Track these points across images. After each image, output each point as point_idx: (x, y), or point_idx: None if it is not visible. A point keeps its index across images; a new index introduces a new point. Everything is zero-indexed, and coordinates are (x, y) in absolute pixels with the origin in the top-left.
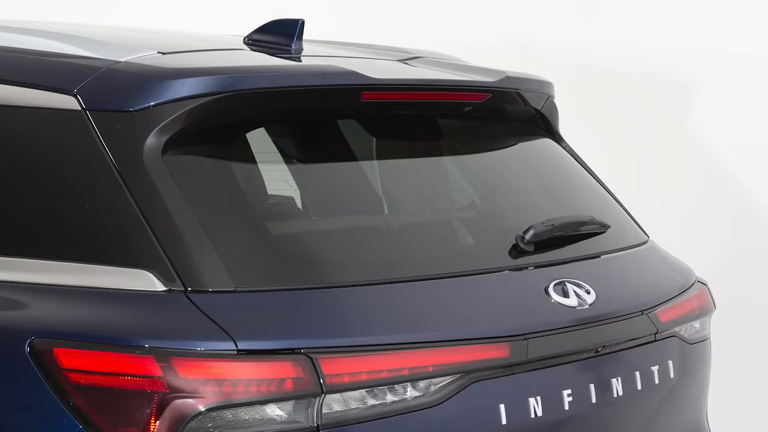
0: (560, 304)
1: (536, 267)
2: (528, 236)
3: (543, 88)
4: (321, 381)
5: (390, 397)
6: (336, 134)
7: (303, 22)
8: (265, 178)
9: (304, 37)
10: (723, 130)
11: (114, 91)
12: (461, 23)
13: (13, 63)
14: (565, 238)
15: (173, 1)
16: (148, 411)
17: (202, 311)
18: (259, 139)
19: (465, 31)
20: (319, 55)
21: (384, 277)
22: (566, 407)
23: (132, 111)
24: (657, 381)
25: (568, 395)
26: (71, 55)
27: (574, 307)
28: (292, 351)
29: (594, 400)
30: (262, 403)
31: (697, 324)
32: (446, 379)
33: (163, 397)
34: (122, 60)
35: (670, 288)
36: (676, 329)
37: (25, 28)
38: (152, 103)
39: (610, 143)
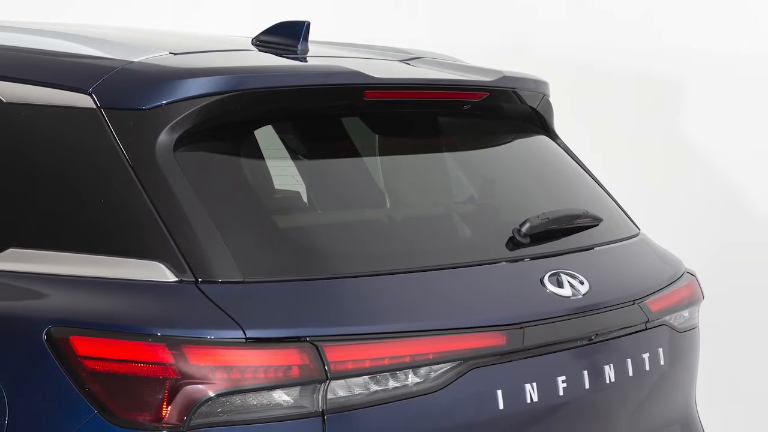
0: (555, 294)
1: (532, 258)
2: (524, 229)
3: (539, 87)
4: (326, 368)
5: (392, 383)
6: (340, 131)
7: (309, 24)
8: (272, 174)
9: (310, 38)
10: (713, 128)
11: (127, 90)
12: (460, 25)
13: (31, 63)
14: (559, 231)
15: (183, 4)
16: (161, 396)
17: (212, 301)
18: (266, 136)
19: (464, 33)
20: (324, 56)
21: (386, 268)
22: (561, 393)
23: (145, 109)
24: (648, 368)
25: (563, 381)
26: (87, 55)
27: (569, 297)
28: (298, 339)
29: (587, 386)
30: (270, 388)
31: (686, 313)
32: (446, 366)
33: (174, 383)
34: (135, 60)
35: (661, 279)
36: (666, 318)
37: (42, 29)
38: (164, 102)
39: (603, 140)
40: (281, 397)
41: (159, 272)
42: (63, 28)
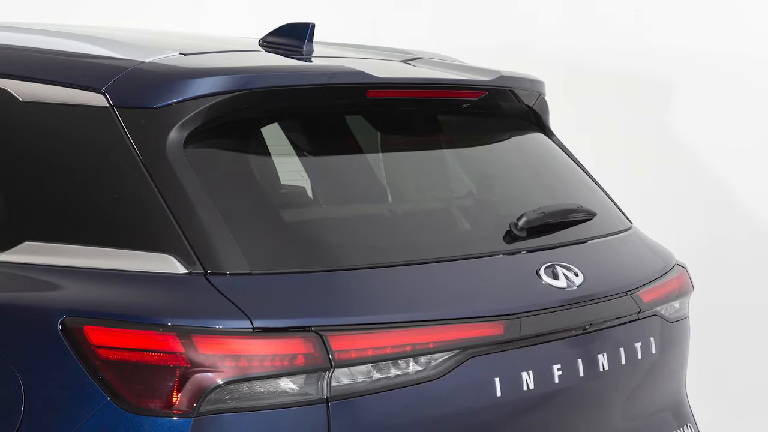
0: (551, 285)
1: (528, 251)
2: (521, 223)
3: (535, 87)
4: (330, 356)
5: (394, 371)
6: (344, 129)
7: (313, 26)
8: (278, 170)
9: (315, 39)
10: (704, 127)
11: (139, 89)
12: (459, 26)
13: (47, 63)
14: (555, 225)
15: (190, 6)
16: (171, 384)
17: (220, 292)
18: (272, 134)
19: (463, 34)
20: (328, 56)
21: (388, 260)
22: (556, 381)
23: (156, 107)
24: (640, 356)
25: (558, 370)
26: (100, 56)
27: (564, 289)
28: (303, 329)
29: (582, 374)
30: (276, 376)
31: (676, 304)
32: (445, 355)
33: (184, 371)
34: (147, 60)
35: (652, 270)
36: (658, 309)
37: (56, 30)
38: (174, 101)
39: (597, 137)
40: (287, 384)
41: (169, 264)
42: (76, 29)
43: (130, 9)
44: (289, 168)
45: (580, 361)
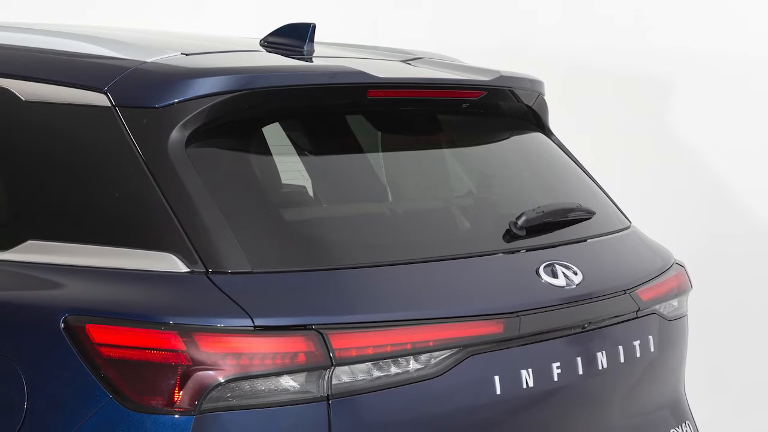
0: (550, 284)
1: (528, 250)
2: (520, 222)
3: (534, 86)
4: (331, 354)
5: (394, 369)
6: (344, 128)
7: (314, 26)
8: (279, 169)
9: (315, 39)
10: (703, 126)
11: (141, 89)
12: (459, 26)
13: (49, 63)
14: (554, 224)
15: (192, 5)
16: (173, 382)
17: (221, 291)
18: (273, 133)
19: (463, 34)
20: (329, 56)
21: (388, 259)
22: (555, 379)
23: (158, 107)
24: (638, 355)
25: (557, 368)
26: (102, 56)
27: (563, 287)
28: (304, 327)
29: (581, 372)
30: (277, 374)
31: (675, 302)
32: (445, 353)
33: (186, 369)
34: (149, 60)
35: (651, 269)
36: (656, 307)
37: (59, 31)
38: (176, 100)
39: (596, 137)
40: (288, 382)
41: (171, 263)
42: (78, 29)
43: (131, 9)
44: (290, 167)
45: (579, 360)
